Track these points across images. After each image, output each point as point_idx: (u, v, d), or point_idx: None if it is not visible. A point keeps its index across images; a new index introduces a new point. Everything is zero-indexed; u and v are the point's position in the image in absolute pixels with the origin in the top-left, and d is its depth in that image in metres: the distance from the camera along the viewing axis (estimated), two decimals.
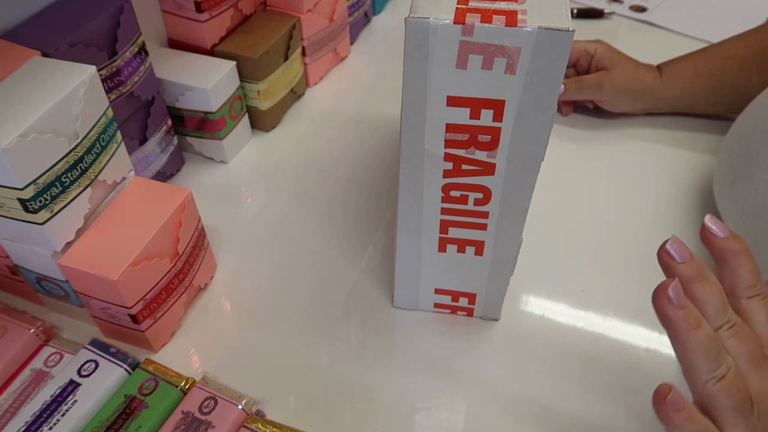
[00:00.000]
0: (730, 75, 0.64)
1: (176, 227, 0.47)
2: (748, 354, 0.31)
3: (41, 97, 0.40)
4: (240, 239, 0.59)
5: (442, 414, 0.46)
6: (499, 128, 0.37)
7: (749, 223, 0.48)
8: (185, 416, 0.43)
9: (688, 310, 0.30)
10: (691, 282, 0.32)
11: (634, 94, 0.67)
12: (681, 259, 0.32)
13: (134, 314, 0.45)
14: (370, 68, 0.79)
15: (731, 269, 0.33)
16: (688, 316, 0.30)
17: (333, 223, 0.60)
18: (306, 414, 0.46)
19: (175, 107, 0.62)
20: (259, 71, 0.64)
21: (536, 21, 0.33)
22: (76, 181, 0.43)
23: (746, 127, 0.53)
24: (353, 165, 0.66)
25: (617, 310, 0.53)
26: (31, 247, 0.44)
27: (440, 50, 0.34)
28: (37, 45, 0.45)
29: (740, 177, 0.51)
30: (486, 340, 0.51)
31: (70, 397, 0.44)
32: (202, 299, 0.54)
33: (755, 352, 0.31)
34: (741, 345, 0.31)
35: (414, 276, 0.49)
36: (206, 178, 0.65)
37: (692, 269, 0.32)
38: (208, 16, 0.62)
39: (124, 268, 0.43)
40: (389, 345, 0.51)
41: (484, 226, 0.43)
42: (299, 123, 0.71)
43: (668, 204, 0.61)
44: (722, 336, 0.31)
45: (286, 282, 0.55)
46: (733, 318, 0.31)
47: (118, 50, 0.51)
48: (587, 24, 0.87)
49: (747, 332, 0.31)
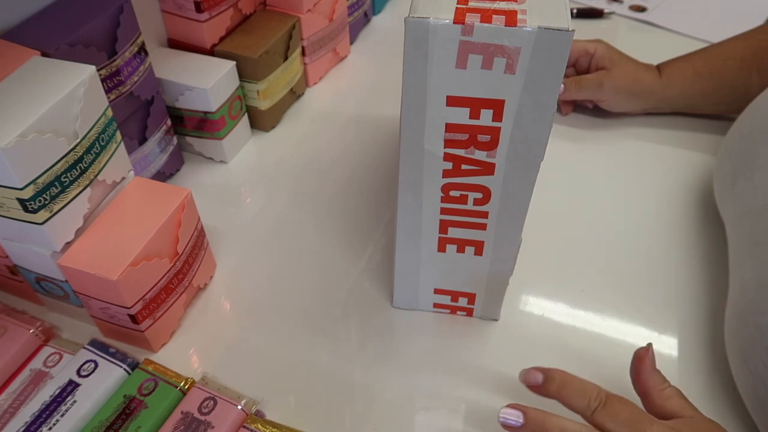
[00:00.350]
0: (730, 75, 0.64)
1: (176, 227, 0.47)
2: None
3: (41, 97, 0.40)
4: (240, 239, 0.59)
5: (442, 414, 0.46)
6: (498, 128, 0.37)
7: (749, 223, 0.48)
8: (185, 416, 0.43)
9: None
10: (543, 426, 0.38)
11: (633, 94, 0.67)
12: (517, 422, 0.38)
13: (134, 314, 0.45)
14: (370, 68, 0.79)
15: (566, 403, 0.39)
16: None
17: (333, 223, 0.60)
18: (306, 414, 0.46)
19: (175, 107, 0.62)
20: (259, 71, 0.64)
21: (536, 21, 0.33)
22: (75, 181, 0.43)
23: (746, 127, 0.53)
24: (353, 165, 0.66)
25: (617, 310, 0.53)
26: (31, 247, 0.44)
27: (440, 50, 0.34)
28: (37, 45, 0.45)
29: (741, 177, 0.51)
30: (486, 340, 0.51)
31: (70, 398, 0.44)
32: (201, 299, 0.54)
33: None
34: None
35: (413, 276, 0.49)
36: (206, 178, 0.65)
37: (532, 425, 0.38)
38: (208, 16, 0.62)
39: (124, 268, 0.43)
40: (389, 345, 0.51)
41: (483, 226, 0.43)
42: (299, 123, 0.71)
43: (668, 204, 0.61)
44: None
45: (286, 282, 0.55)
46: None
47: (117, 50, 0.51)
48: (587, 24, 0.87)
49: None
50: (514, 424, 0.38)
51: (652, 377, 0.41)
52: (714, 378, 0.48)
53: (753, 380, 0.42)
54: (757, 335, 0.41)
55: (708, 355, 0.49)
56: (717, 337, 0.50)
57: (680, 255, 0.57)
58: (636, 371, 0.42)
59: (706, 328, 0.51)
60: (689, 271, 0.55)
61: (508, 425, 0.38)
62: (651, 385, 0.40)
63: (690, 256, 0.57)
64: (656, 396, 0.40)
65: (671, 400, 0.40)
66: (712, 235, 0.58)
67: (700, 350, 0.50)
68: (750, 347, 0.42)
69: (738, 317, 0.44)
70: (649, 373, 0.41)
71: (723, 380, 0.47)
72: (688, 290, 0.54)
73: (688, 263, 0.56)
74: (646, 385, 0.41)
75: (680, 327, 0.51)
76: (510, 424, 0.38)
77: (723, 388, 0.47)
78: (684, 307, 0.53)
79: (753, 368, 0.41)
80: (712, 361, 0.49)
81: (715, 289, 0.54)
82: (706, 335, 0.51)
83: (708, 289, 0.54)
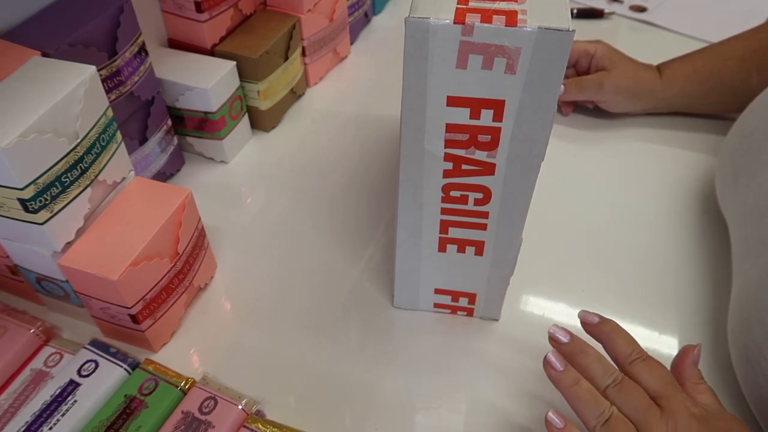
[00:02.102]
0: (730, 75, 0.64)
1: (176, 227, 0.47)
2: (635, 403, 0.38)
3: (41, 97, 0.40)
4: (240, 239, 0.59)
5: (442, 414, 0.46)
6: (499, 128, 0.37)
7: (752, 221, 0.48)
8: (185, 416, 0.43)
9: (566, 372, 0.40)
10: (574, 356, 0.41)
11: (634, 94, 0.67)
12: (564, 339, 0.41)
13: (134, 314, 0.45)
14: (370, 68, 0.79)
15: (610, 345, 0.42)
16: (567, 376, 0.39)
17: (333, 223, 0.60)
18: (306, 414, 0.46)
19: (175, 107, 0.62)
20: (259, 71, 0.64)
21: (536, 21, 0.33)
22: (76, 181, 0.43)
23: (748, 126, 0.53)
24: (353, 165, 0.66)
25: (617, 310, 0.53)
26: (31, 247, 0.44)
27: (440, 50, 0.34)
28: (37, 45, 0.45)
29: (743, 176, 0.51)
30: (486, 340, 0.51)
31: (70, 397, 0.44)
32: (202, 299, 0.54)
33: (641, 401, 0.38)
34: (626, 397, 0.38)
35: (414, 276, 0.49)
36: (206, 178, 0.65)
37: (572, 346, 0.41)
38: (208, 16, 0.62)
39: (124, 268, 0.43)
40: (389, 345, 0.51)
41: (484, 226, 0.43)
42: (299, 123, 0.72)
43: (668, 204, 0.61)
44: (609, 393, 0.39)
45: (287, 282, 0.55)
46: (618, 377, 0.39)
47: (118, 50, 0.51)
48: (587, 24, 0.87)
49: (630, 387, 0.39)
50: (560, 338, 0.41)
51: (690, 369, 0.42)
52: (716, 377, 0.48)
53: (756, 378, 0.42)
54: (761, 333, 0.41)
55: (709, 355, 0.49)
56: (718, 337, 0.50)
57: (680, 255, 0.57)
58: (678, 360, 0.42)
59: (707, 328, 0.51)
60: (690, 271, 0.55)
61: (554, 338, 0.42)
62: (687, 375, 0.41)
63: (690, 255, 0.57)
64: (690, 387, 0.41)
65: (704, 395, 0.40)
66: (713, 234, 0.58)
67: (701, 350, 0.50)
68: (753, 345, 0.42)
69: (741, 315, 0.44)
70: (688, 365, 0.42)
71: (725, 380, 0.47)
72: (688, 290, 0.54)
73: (688, 263, 0.56)
74: (683, 374, 0.41)
75: (681, 327, 0.51)
76: (557, 338, 0.42)
77: (725, 388, 0.47)
78: (685, 306, 0.53)
79: (756, 366, 0.41)
80: (713, 361, 0.49)
81: (716, 289, 0.54)
82: (707, 335, 0.51)
83: (709, 288, 0.54)
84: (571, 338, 0.41)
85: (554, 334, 0.42)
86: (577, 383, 0.39)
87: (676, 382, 0.39)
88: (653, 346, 0.50)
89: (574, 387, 0.39)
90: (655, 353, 0.49)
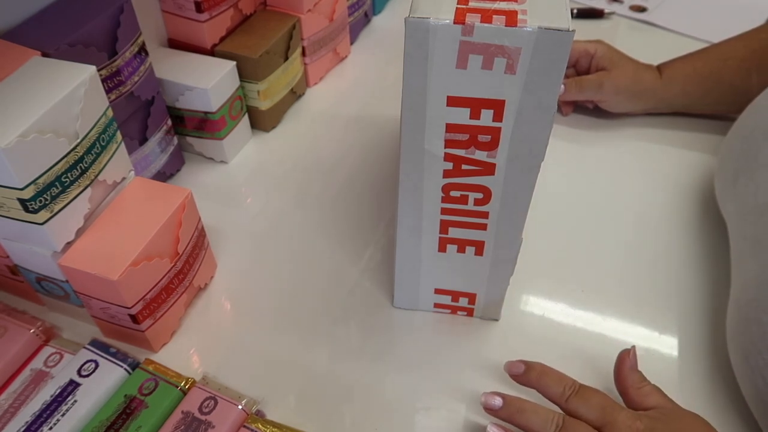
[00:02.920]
0: (730, 75, 0.64)
1: (176, 227, 0.47)
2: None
3: (41, 97, 0.40)
4: (240, 239, 0.59)
5: (442, 414, 0.46)
6: (499, 128, 0.37)
7: (751, 221, 0.48)
8: (185, 416, 0.43)
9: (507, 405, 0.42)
10: (512, 418, 0.41)
11: (634, 95, 0.67)
12: (497, 404, 0.42)
13: (134, 314, 0.45)
14: (370, 68, 0.79)
15: (543, 390, 0.42)
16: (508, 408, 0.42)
17: (333, 222, 0.60)
18: (306, 414, 0.46)
19: (175, 107, 0.62)
20: (259, 71, 0.64)
21: (536, 21, 0.33)
22: (76, 181, 0.43)
23: (748, 126, 0.53)
24: (353, 165, 0.66)
25: (617, 310, 0.53)
26: (31, 247, 0.44)
27: (440, 50, 0.34)
28: (37, 45, 0.45)
29: (742, 175, 0.51)
30: (486, 340, 0.51)
31: (70, 397, 0.44)
32: (202, 299, 0.54)
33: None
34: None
35: (414, 276, 0.49)
36: (206, 178, 0.65)
37: (508, 408, 0.41)
38: (208, 16, 0.62)
39: (124, 268, 0.43)
40: (389, 345, 0.51)
41: (484, 226, 0.43)
42: (299, 123, 0.71)
43: (668, 204, 0.61)
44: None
45: (287, 282, 0.55)
46: (560, 422, 0.40)
47: (118, 50, 0.51)
48: (587, 24, 0.87)
49: (572, 428, 0.39)
50: (493, 406, 0.42)
51: (630, 376, 0.43)
52: (715, 377, 0.48)
53: (755, 378, 0.42)
54: (759, 333, 0.41)
55: (709, 355, 0.49)
56: (718, 337, 0.50)
57: (680, 255, 0.57)
58: (617, 370, 0.44)
59: (706, 328, 0.51)
60: (689, 271, 0.55)
61: (488, 408, 0.42)
62: (629, 383, 0.43)
63: (690, 255, 0.57)
64: (634, 393, 0.42)
65: (649, 397, 0.42)
66: (713, 234, 0.58)
67: (700, 350, 0.50)
68: (752, 345, 0.42)
69: (740, 315, 0.44)
70: (628, 372, 0.43)
71: (724, 379, 0.47)
72: (688, 290, 0.54)
73: (688, 263, 0.56)
74: (625, 383, 0.43)
75: (680, 327, 0.51)
76: (490, 406, 0.42)
77: (724, 387, 0.47)
78: (684, 306, 0.53)
79: (755, 366, 0.41)
80: (712, 361, 0.49)
81: (716, 289, 0.54)
82: (707, 335, 0.51)
83: (708, 288, 0.54)
84: (504, 402, 0.42)
85: (486, 403, 0.42)
86: (519, 411, 0.41)
87: (614, 404, 0.40)
88: (653, 346, 0.50)
89: (517, 415, 0.41)
90: (655, 353, 0.49)
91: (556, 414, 0.40)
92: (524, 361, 0.44)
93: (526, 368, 0.43)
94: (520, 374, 0.43)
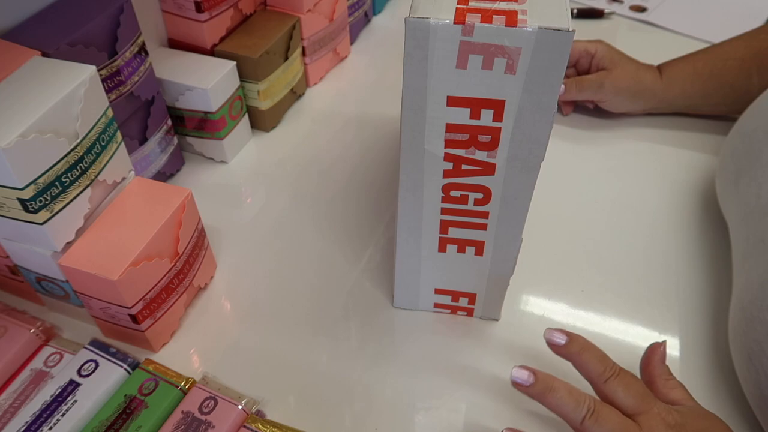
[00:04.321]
0: (730, 76, 0.64)
1: (176, 227, 0.47)
2: (612, 429, 0.37)
3: (41, 97, 0.40)
4: (240, 239, 0.59)
5: (442, 414, 0.46)
6: (499, 128, 0.37)
7: (754, 221, 0.48)
8: (185, 416, 0.43)
9: (537, 383, 0.39)
10: (543, 396, 0.39)
11: (634, 95, 0.67)
12: (528, 380, 0.39)
13: (134, 314, 0.45)
14: (370, 68, 0.79)
15: (582, 366, 0.41)
16: (538, 386, 0.39)
17: (333, 223, 0.60)
18: (306, 414, 0.46)
19: (175, 107, 0.62)
20: (259, 71, 0.64)
21: (536, 21, 0.33)
22: (76, 181, 0.43)
23: (749, 126, 0.53)
24: (353, 165, 0.66)
25: (617, 310, 0.53)
26: (31, 247, 0.44)
27: (440, 50, 0.34)
28: (37, 45, 0.45)
29: (744, 175, 0.51)
30: (486, 340, 0.51)
31: (70, 397, 0.44)
32: (202, 299, 0.54)
33: (617, 426, 0.37)
34: (603, 425, 0.37)
35: (414, 276, 0.49)
36: (206, 178, 0.65)
37: (539, 385, 0.39)
38: (208, 16, 0.62)
39: (124, 268, 0.43)
40: (389, 345, 0.51)
41: (484, 226, 0.43)
42: (299, 123, 0.71)
43: (669, 204, 0.61)
44: (586, 425, 0.38)
45: (287, 282, 0.55)
46: (592, 406, 0.38)
47: (118, 50, 0.51)
48: (587, 24, 0.87)
49: (605, 414, 0.38)
50: (522, 382, 0.40)
51: (659, 367, 0.43)
52: (716, 377, 0.48)
53: (758, 377, 0.42)
54: (762, 332, 0.41)
55: (710, 355, 0.49)
56: (719, 337, 0.50)
57: (681, 255, 0.57)
58: (646, 360, 0.44)
59: (707, 328, 0.51)
60: (690, 271, 0.55)
61: (517, 383, 0.40)
62: (657, 373, 0.42)
63: (690, 255, 0.57)
64: (660, 384, 0.42)
65: (674, 391, 0.42)
66: (713, 234, 0.58)
67: (701, 350, 0.50)
68: (755, 344, 0.42)
69: (743, 315, 0.44)
70: (657, 363, 0.43)
71: (725, 379, 0.47)
72: (688, 290, 0.54)
73: (688, 263, 0.56)
74: (653, 373, 0.43)
75: (681, 327, 0.51)
76: (519, 382, 0.40)
77: (725, 387, 0.47)
78: (685, 306, 0.53)
79: (758, 365, 0.41)
80: (714, 361, 0.49)
81: (716, 289, 0.54)
82: (708, 335, 0.51)
83: (709, 288, 0.54)
84: (536, 378, 0.39)
85: (516, 377, 0.40)
86: (551, 390, 0.39)
87: (650, 394, 0.39)
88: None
89: (549, 394, 0.39)
90: None
91: (589, 397, 0.38)
92: (565, 331, 0.41)
93: (569, 339, 0.41)
94: (561, 345, 0.41)
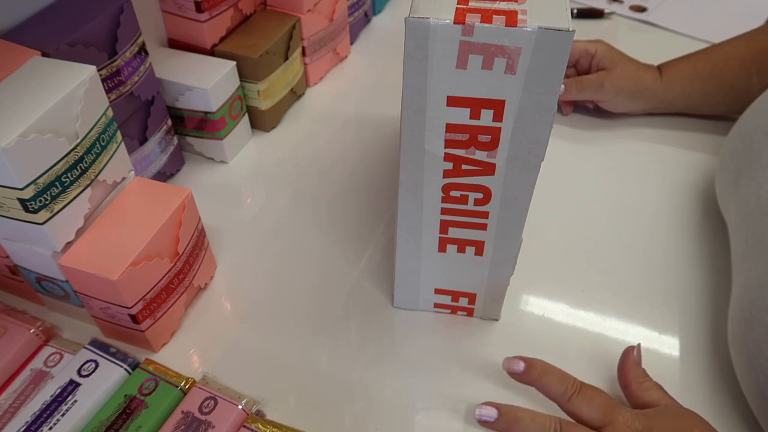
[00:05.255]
0: (731, 76, 0.64)
1: (176, 227, 0.47)
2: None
3: (41, 97, 0.40)
4: (240, 239, 0.59)
5: (442, 414, 0.46)
6: (499, 128, 0.37)
7: (754, 221, 0.48)
8: (185, 416, 0.43)
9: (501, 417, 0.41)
10: (510, 428, 0.40)
11: (634, 95, 0.67)
12: (492, 417, 0.41)
13: (134, 314, 0.45)
14: (370, 68, 0.79)
15: (544, 389, 0.42)
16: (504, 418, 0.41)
17: (333, 223, 0.60)
18: (306, 414, 0.46)
19: (175, 107, 0.62)
20: (259, 71, 0.64)
21: (536, 21, 0.33)
22: (76, 181, 0.43)
23: (749, 126, 0.53)
24: (353, 165, 0.66)
25: (617, 310, 0.53)
26: (31, 247, 0.44)
27: (440, 50, 0.34)
28: (37, 45, 0.45)
29: (744, 175, 0.51)
30: (486, 340, 0.51)
31: (70, 397, 0.44)
32: (202, 299, 0.54)
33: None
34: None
35: (414, 276, 0.49)
36: (206, 178, 0.65)
37: (504, 421, 0.40)
38: (208, 16, 0.62)
39: (124, 268, 0.43)
40: (389, 345, 0.51)
41: (484, 226, 0.43)
42: (299, 123, 0.72)
43: (668, 204, 0.61)
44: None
45: (287, 282, 0.55)
46: (557, 427, 0.39)
47: (118, 50, 0.51)
48: (587, 24, 0.87)
49: (571, 431, 0.39)
50: (488, 419, 0.41)
51: (633, 370, 0.44)
52: (716, 377, 0.48)
53: (757, 378, 0.42)
54: (762, 333, 0.41)
55: (710, 355, 0.49)
56: (718, 337, 0.50)
57: (680, 255, 0.57)
58: (621, 364, 0.45)
59: (707, 328, 0.51)
60: (690, 271, 0.55)
61: (483, 421, 0.41)
62: (632, 377, 0.43)
63: (690, 256, 0.57)
64: (635, 387, 0.43)
65: (650, 392, 0.42)
66: (713, 235, 0.58)
67: (701, 350, 0.50)
68: (755, 345, 0.42)
69: (742, 315, 0.44)
70: (631, 367, 0.44)
71: (725, 379, 0.47)
72: (688, 290, 0.54)
73: (688, 263, 0.56)
74: (628, 377, 0.44)
75: (681, 327, 0.51)
76: (485, 419, 0.41)
77: (725, 387, 0.47)
78: (685, 307, 0.53)
79: (758, 366, 0.41)
80: (714, 361, 0.49)
81: (716, 289, 0.54)
82: (707, 335, 0.51)
83: (709, 289, 0.54)
84: (500, 412, 0.41)
85: (480, 415, 0.41)
86: (516, 421, 0.40)
87: (615, 404, 0.40)
88: (653, 346, 0.50)
89: (515, 425, 0.40)
90: (656, 353, 0.49)
91: (554, 420, 0.40)
92: (523, 357, 0.43)
93: (527, 366, 0.43)
94: (520, 372, 0.43)
